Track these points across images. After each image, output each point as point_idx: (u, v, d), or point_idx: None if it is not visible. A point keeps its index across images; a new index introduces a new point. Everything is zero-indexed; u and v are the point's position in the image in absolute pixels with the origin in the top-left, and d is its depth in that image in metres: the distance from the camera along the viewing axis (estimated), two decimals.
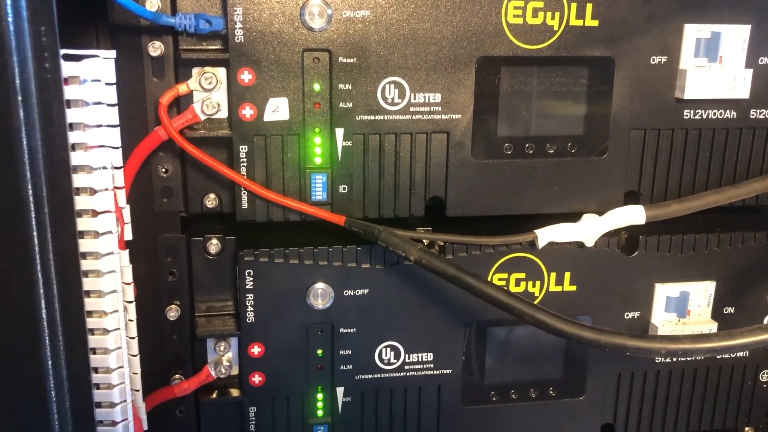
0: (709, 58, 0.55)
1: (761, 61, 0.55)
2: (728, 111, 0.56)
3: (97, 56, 0.43)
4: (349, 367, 0.57)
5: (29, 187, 0.38)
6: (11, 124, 0.37)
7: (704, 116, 0.56)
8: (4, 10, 0.36)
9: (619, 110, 0.55)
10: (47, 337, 0.40)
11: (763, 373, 0.63)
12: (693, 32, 0.54)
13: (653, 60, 0.54)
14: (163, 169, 0.53)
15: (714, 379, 0.62)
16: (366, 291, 0.55)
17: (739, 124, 0.57)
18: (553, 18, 0.52)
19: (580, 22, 0.52)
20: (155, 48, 0.50)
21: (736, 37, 0.54)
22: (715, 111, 0.56)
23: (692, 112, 0.56)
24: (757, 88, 0.55)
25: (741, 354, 0.62)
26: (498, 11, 0.51)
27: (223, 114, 0.51)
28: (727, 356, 0.62)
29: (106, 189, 0.44)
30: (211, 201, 0.54)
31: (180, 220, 0.54)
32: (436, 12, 0.50)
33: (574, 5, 0.52)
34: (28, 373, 0.41)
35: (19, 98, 0.37)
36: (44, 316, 0.40)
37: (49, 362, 0.41)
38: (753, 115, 0.57)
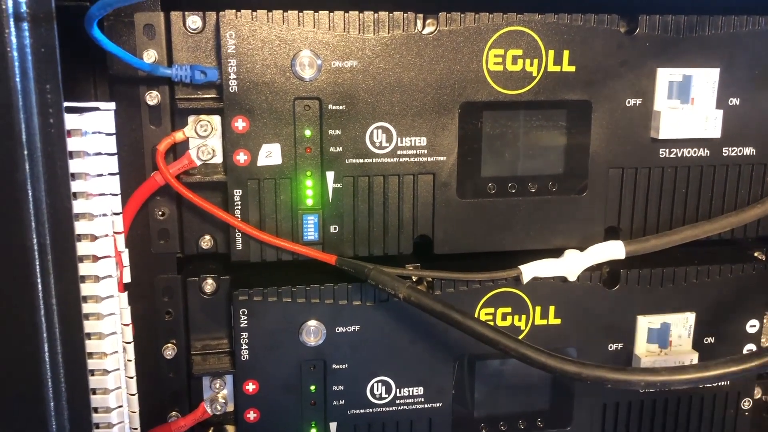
0: (682, 99, 0.57)
1: (731, 101, 0.58)
2: (701, 149, 0.59)
3: (98, 108, 0.45)
4: (342, 402, 0.58)
5: (34, 236, 0.40)
6: (17, 177, 0.39)
7: (679, 155, 0.59)
8: (11, 70, 0.38)
9: (597, 150, 0.57)
10: (50, 379, 0.42)
11: (745, 401, 0.65)
12: (665, 76, 0.57)
13: (628, 102, 0.57)
14: (160, 212, 0.55)
15: (697, 408, 0.64)
16: (357, 327, 0.57)
17: (713, 162, 0.59)
18: (531, 65, 0.55)
19: (557, 68, 0.55)
20: (152, 97, 0.52)
21: (706, 79, 0.57)
22: (689, 150, 0.59)
23: (667, 151, 0.58)
24: (728, 127, 0.58)
25: (723, 383, 0.64)
26: (479, 59, 0.54)
27: (218, 159, 0.54)
28: (709, 385, 0.63)
29: (106, 235, 0.46)
30: (206, 242, 0.56)
31: (176, 261, 0.56)
32: (420, 61, 0.53)
33: (551, 52, 0.55)
34: (31, 414, 0.42)
35: (25, 152, 0.39)
36: (47, 358, 0.41)
37: (52, 404, 0.42)
38: (725, 153, 0.59)
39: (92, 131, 0.44)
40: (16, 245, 0.40)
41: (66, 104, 0.42)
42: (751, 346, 0.63)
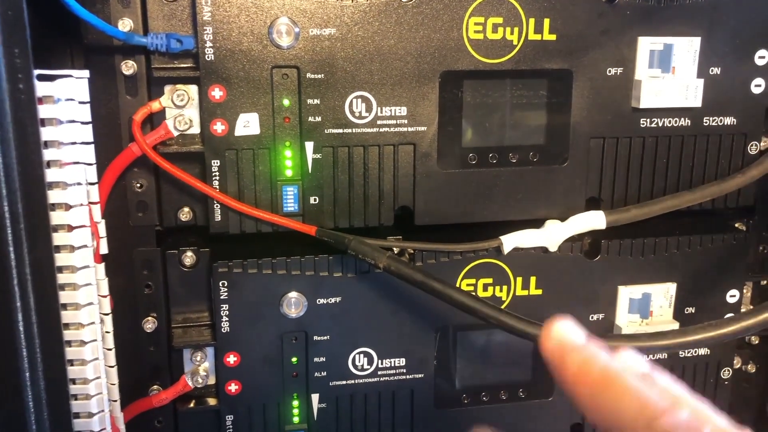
0: (663, 69, 0.57)
1: (711, 71, 0.58)
2: (682, 119, 0.59)
3: (71, 76, 0.44)
4: (324, 373, 0.58)
5: (5, 203, 0.39)
6: None
7: (660, 124, 0.58)
8: None
9: (578, 120, 0.57)
10: (24, 350, 0.41)
11: (725, 371, 0.65)
12: (647, 45, 0.56)
13: (609, 71, 0.57)
14: (138, 184, 0.54)
15: (677, 377, 0.64)
16: (338, 299, 0.57)
17: (693, 132, 0.59)
18: (512, 33, 0.54)
19: (538, 37, 0.55)
20: (128, 67, 0.52)
21: (687, 48, 0.57)
22: (670, 119, 0.58)
23: (648, 120, 0.58)
24: (709, 96, 0.58)
25: (703, 352, 0.64)
26: (459, 27, 0.53)
27: (196, 130, 0.53)
28: (689, 355, 0.64)
29: (81, 204, 0.45)
30: (185, 214, 0.55)
31: (155, 233, 0.56)
32: (399, 29, 0.52)
33: (532, 20, 0.54)
34: (6, 385, 0.41)
35: None
36: (21, 329, 0.41)
37: (27, 374, 0.42)
38: (706, 122, 0.59)
39: (65, 98, 0.44)
40: None
41: (38, 72, 0.41)
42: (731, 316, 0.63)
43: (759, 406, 0.70)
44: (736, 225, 0.65)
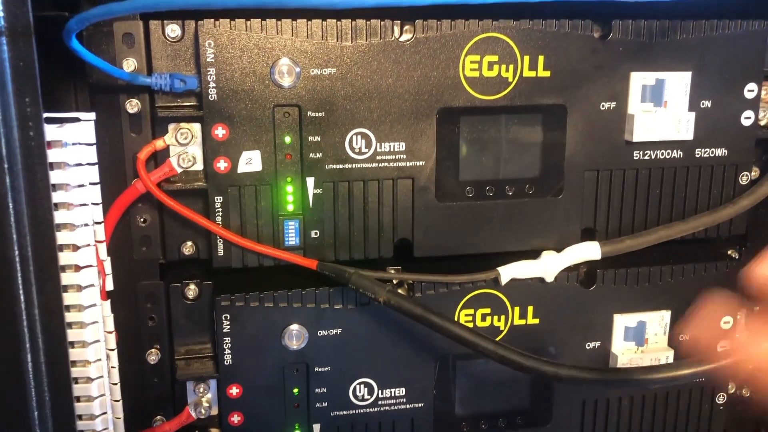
0: (655, 102, 0.58)
1: (702, 104, 0.59)
2: (675, 151, 0.60)
3: (78, 119, 0.46)
4: (325, 404, 0.59)
5: (15, 247, 0.40)
6: None
7: (653, 157, 0.60)
8: None
9: (572, 153, 0.58)
10: (33, 389, 0.42)
11: (719, 396, 0.66)
12: (639, 79, 0.58)
13: (603, 106, 0.58)
14: (142, 219, 0.55)
15: (674, 403, 0.65)
16: (339, 331, 0.58)
17: (686, 163, 0.60)
18: (507, 70, 0.55)
19: (533, 74, 0.56)
20: (132, 105, 0.53)
21: (678, 83, 0.58)
22: (663, 152, 0.60)
23: (641, 153, 0.59)
24: (700, 129, 0.59)
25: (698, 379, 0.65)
26: (456, 66, 0.54)
27: (199, 167, 0.54)
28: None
29: (88, 245, 0.46)
30: (188, 248, 0.56)
31: (158, 267, 0.57)
32: (398, 68, 0.54)
33: (527, 58, 0.56)
34: (15, 424, 0.42)
35: (6, 165, 0.39)
36: (30, 368, 0.42)
37: (36, 413, 0.42)
38: (698, 154, 0.60)
39: (72, 142, 0.45)
40: None
41: (46, 115, 0.42)
42: (725, 343, 0.65)
43: (754, 431, 0.70)
44: (729, 252, 0.66)
